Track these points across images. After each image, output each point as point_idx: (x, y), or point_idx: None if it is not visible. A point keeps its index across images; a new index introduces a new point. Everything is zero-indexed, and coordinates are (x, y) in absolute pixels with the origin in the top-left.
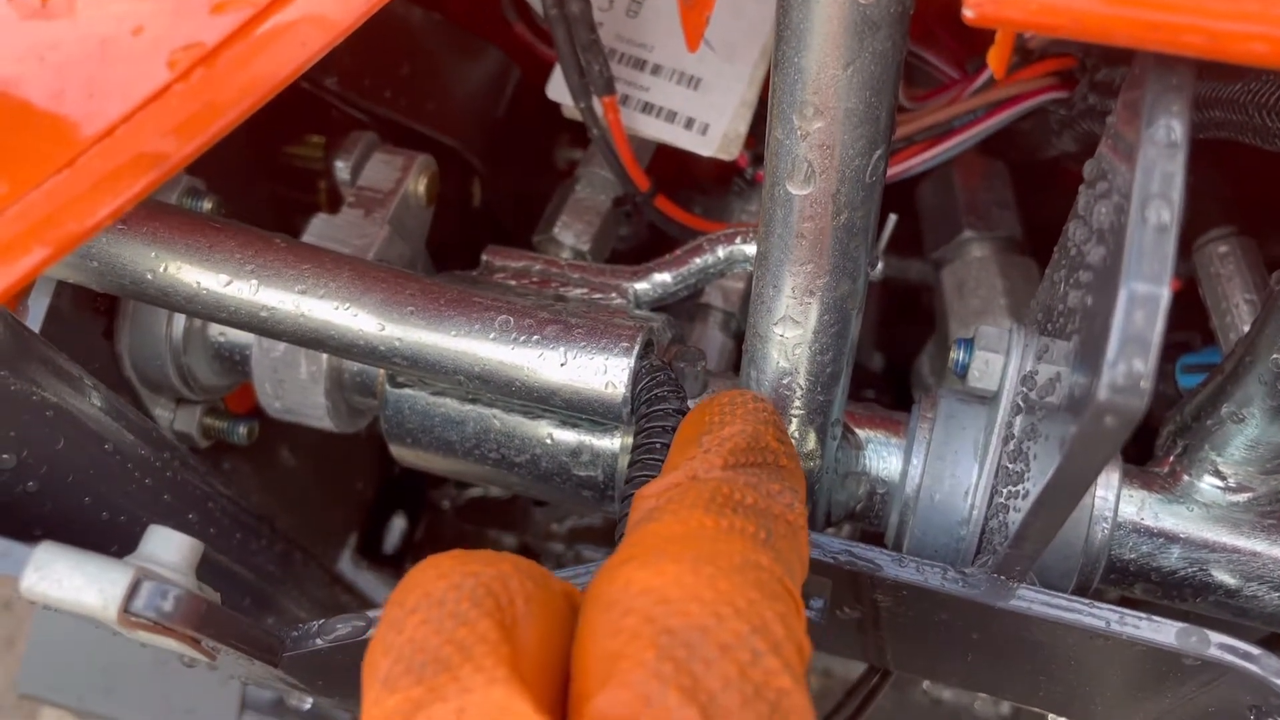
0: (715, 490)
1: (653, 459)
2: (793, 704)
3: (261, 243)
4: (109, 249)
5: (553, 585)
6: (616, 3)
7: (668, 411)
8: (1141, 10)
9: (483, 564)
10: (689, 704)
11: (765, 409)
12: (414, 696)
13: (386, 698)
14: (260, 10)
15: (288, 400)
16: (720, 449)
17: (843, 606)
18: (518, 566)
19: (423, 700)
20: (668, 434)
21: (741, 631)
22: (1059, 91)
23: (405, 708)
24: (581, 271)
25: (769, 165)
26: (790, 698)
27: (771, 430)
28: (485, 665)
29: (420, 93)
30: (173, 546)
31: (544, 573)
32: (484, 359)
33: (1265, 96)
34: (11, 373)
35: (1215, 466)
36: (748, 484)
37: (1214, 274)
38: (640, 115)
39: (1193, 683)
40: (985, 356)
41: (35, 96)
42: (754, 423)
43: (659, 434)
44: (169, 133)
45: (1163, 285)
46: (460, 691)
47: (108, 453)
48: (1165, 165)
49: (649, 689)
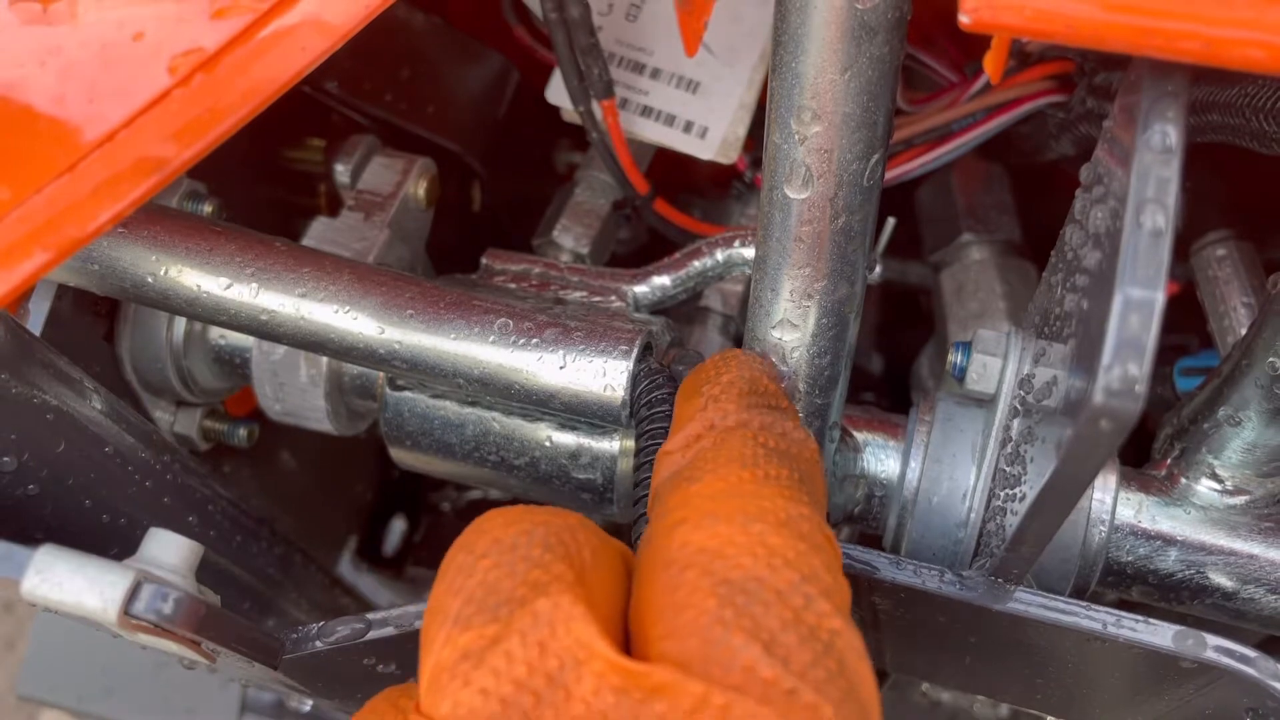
0: (743, 441)
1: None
2: (846, 642)
3: (262, 246)
4: (110, 252)
5: (614, 544)
6: (616, 7)
7: (668, 414)
8: (1137, 16)
9: (551, 514)
10: (752, 643)
11: (756, 358)
12: (490, 633)
13: (459, 635)
14: (260, 16)
15: (288, 403)
16: (728, 392)
17: None
18: (583, 521)
19: (499, 636)
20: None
21: (793, 579)
22: (1057, 95)
23: (480, 644)
24: (581, 275)
25: (767, 169)
26: (843, 636)
27: (765, 376)
28: (563, 603)
29: (420, 96)
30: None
31: (604, 533)
32: (483, 362)
33: (1262, 100)
34: (12, 376)
35: (1212, 469)
36: (763, 426)
37: (1212, 277)
38: (639, 119)
39: (1190, 685)
40: (983, 360)
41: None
42: (749, 369)
43: (661, 435)
44: (170, 138)
45: (1157, 290)
46: (539, 625)
47: (108, 455)
48: (1160, 171)
49: (714, 633)
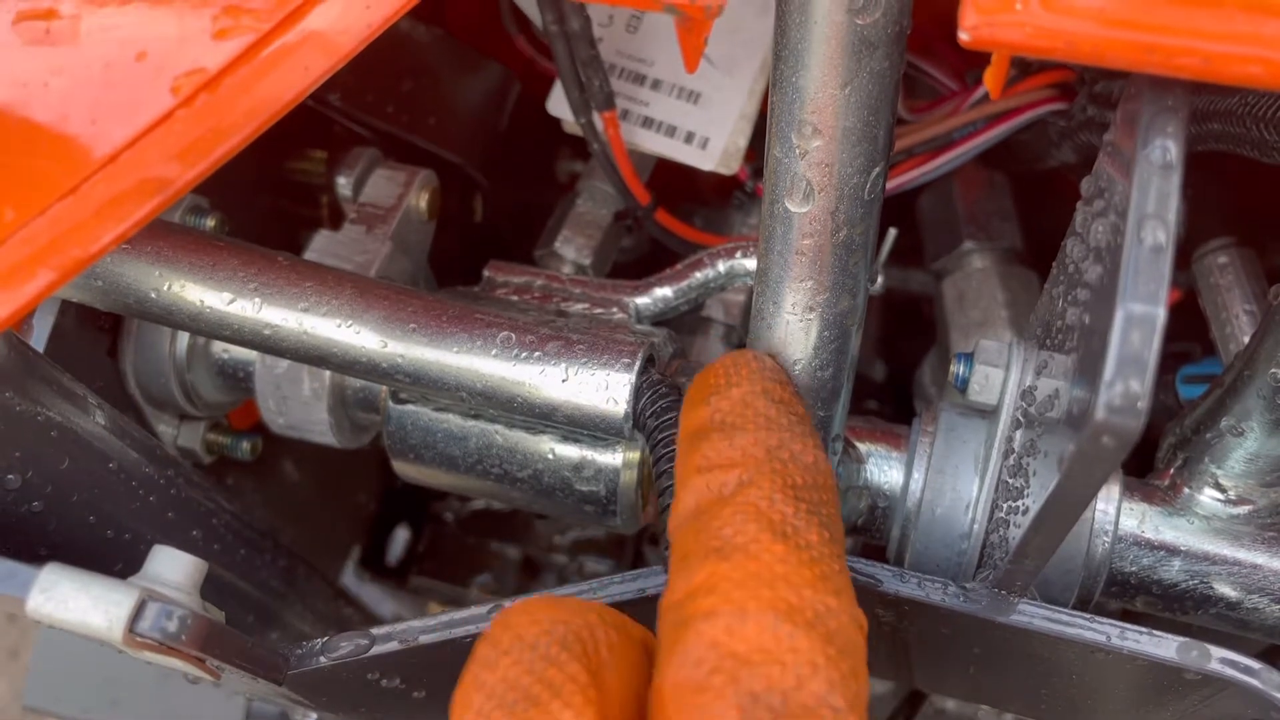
0: (771, 492)
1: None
2: None
3: (264, 261)
4: (113, 269)
5: (633, 633)
6: (616, 18)
7: (675, 422)
8: (1136, 33)
9: (572, 612)
10: None
11: (766, 363)
12: None
13: None
14: (262, 36)
15: (290, 416)
16: (746, 414)
17: None
18: (603, 616)
19: None
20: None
21: (819, 693)
22: (1058, 104)
23: None
24: (583, 286)
25: (768, 183)
26: None
27: (777, 384)
28: (574, 703)
29: (422, 108)
30: (177, 566)
31: (625, 620)
32: (486, 375)
33: (1262, 109)
34: (16, 393)
35: (1215, 479)
36: (790, 459)
37: (1214, 284)
38: (640, 130)
39: (1194, 696)
40: (985, 371)
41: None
42: (761, 380)
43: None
44: (173, 158)
45: (1159, 306)
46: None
47: (112, 471)
48: (1161, 186)
49: None
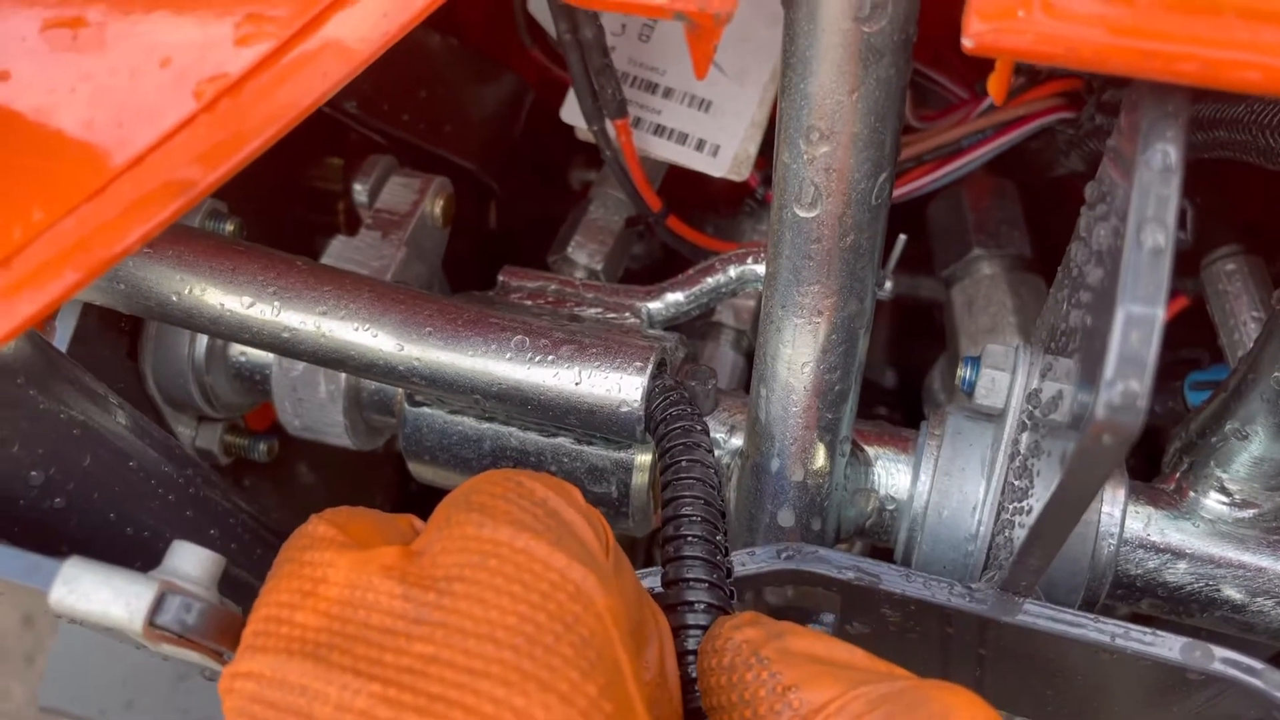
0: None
1: (681, 479)
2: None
3: (283, 265)
4: (136, 272)
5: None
6: (629, 27)
7: (686, 429)
8: (1136, 39)
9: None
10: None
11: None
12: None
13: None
14: (283, 42)
15: (307, 419)
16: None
17: (852, 621)
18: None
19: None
20: (690, 450)
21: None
22: (1066, 112)
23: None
24: (596, 291)
25: (777, 188)
26: None
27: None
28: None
29: (438, 116)
30: (196, 561)
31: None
32: (500, 378)
33: (1268, 117)
34: (41, 392)
35: (1221, 483)
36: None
37: (1221, 291)
38: (652, 137)
39: (1198, 697)
40: (991, 374)
41: (67, 126)
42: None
43: (681, 451)
44: (195, 160)
45: (1158, 307)
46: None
47: (132, 470)
48: (1160, 189)
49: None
